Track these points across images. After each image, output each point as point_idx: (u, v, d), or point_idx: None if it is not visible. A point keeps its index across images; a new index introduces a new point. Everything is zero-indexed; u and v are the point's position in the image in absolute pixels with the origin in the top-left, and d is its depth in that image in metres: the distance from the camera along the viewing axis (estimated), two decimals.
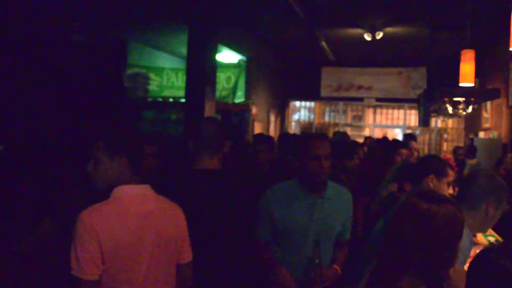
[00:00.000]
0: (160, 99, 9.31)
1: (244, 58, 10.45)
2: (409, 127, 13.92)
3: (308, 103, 14.93)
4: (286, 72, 13.49)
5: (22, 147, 5.31)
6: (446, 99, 7.45)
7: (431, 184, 2.87)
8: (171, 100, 9.06)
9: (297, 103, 15.06)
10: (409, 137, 5.90)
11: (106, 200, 2.04)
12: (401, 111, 14.25)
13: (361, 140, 10.07)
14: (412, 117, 13.95)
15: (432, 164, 2.96)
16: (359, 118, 15.62)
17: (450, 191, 2.87)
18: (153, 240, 2.07)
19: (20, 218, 2.58)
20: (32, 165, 3.57)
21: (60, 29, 7.32)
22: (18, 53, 6.72)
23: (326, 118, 15.22)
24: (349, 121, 15.34)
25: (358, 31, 9.25)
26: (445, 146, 13.80)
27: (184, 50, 7.53)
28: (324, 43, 10.36)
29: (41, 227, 2.53)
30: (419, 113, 9.61)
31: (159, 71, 9.78)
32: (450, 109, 7.49)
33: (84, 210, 1.95)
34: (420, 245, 1.60)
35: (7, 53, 6.62)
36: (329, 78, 13.82)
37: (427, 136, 13.87)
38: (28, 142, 5.83)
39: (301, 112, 15.18)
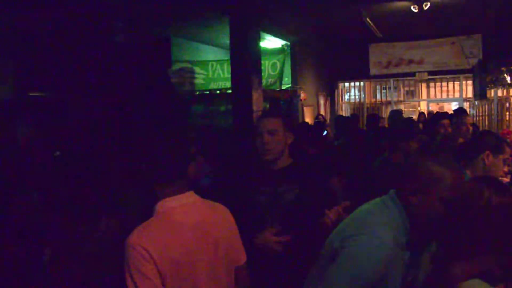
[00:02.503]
0: (207, 92, 9.37)
1: (287, 43, 10.33)
2: (466, 99, 13.36)
3: (357, 83, 14.63)
4: (332, 53, 13.24)
5: (78, 151, 5.48)
6: (503, 68, 7.07)
7: (486, 161, 2.82)
8: (218, 92, 9.10)
9: (346, 84, 14.78)
10: (460, 112, 5.66)
11: (152, 218, 1.92)
12: (457, 83, 13.69)
13: (415, 117, 9.80)
14: (470, 88, 13.35)
15: (489, 140, 2.91)
16: (412, 93, 15.16)
17: (505, 169, 2.76)
18: (211, 249, 1.98)
19: (79, 221, 2.62)
20: (88, 168, 3.66)
21: (104, 31, 7.47)
22: (67, 59, 6.91)
23: (378, 97, 14.89)
24: (401, 97, 14.93)
25: (404, 3, 8.94)
26: (507, 116, 13.12)
27: (227, 41, 7.53)
28: (369, 20, 10.07)
29: (98, 228, 2.57)
30: (474, 85, 9.17)
31: (204, 64, 9.82)
32: (508, 78, 7.09)
33: (131, 235, 1.83)
34: (480, 232, 1.57)
35: (57, 60, 6.82)
36: (377, 55, 13.46)
37: (486, 107, 13.24)
38: (83, 145, 6.01)
39: (351, 92, 14.89)
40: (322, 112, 12.30)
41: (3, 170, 3.85)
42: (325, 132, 7.17)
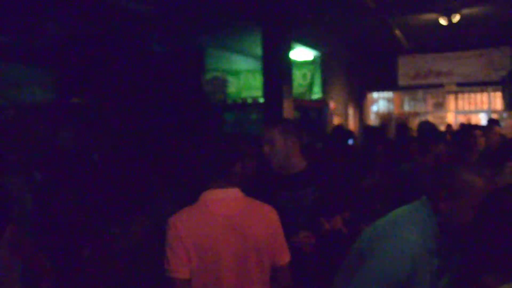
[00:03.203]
0: (239, 101, 9.56)
1: (318, 53, 10.48)
2: (494, 111, 13.27)
3: (386, 94, 14.66)
4: (361, 64, 13.31)
5: (114, 154, 5.72)
6: None
7: None
8: (249, 101, 9.27)
9: (375, 95, 14.82)
10: (492, 122, 5.73)
11: (193, 204, 2.15)
12: (485, 95, 13.62)
13: (443, 128, 9.82)
14: (498, 100, 13.25)
15: None
16: (440, 105, 15.10)
17: None
18: (239, 242, 2.08)
19: (114, 220, 2.79)
20: (124, 170, 3.86)
21: (141, 42, 7.76)
22: (106, 69, 7.21)
23: (406, 108, 14.88)
24: (429, 109, 14.88)
25: (433, 15, 8.98)
26: None
27: (259, 51, 7.69)
28: (398, 32, 10.16)
29: (132, 228, 2.71)
30: (503, 96, 9.13)
31: (236, 73, 10.01)
32: None
33: (171, 216, 2.11)
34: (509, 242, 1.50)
35: (96, 69, 7.13)
36: (406, 67, 13.47)
37: None
38: (119, 148, 6.27)
39: (380, 103, 14.93)
40: (351, 122, 12.40)
41: (46, 172, 4.04)
42: (350, 141, 7.27)
